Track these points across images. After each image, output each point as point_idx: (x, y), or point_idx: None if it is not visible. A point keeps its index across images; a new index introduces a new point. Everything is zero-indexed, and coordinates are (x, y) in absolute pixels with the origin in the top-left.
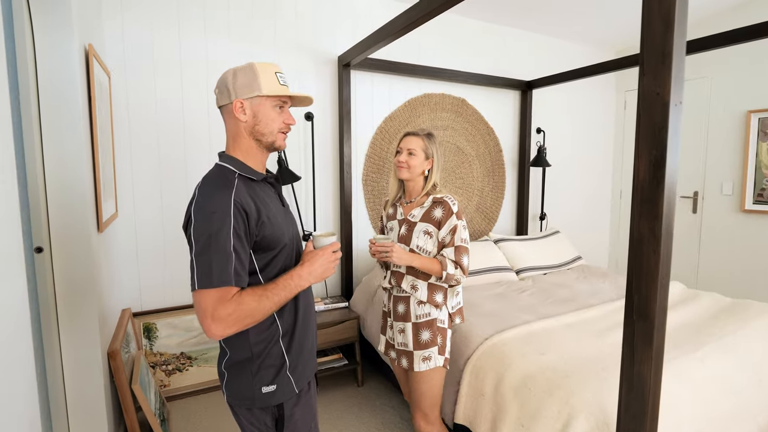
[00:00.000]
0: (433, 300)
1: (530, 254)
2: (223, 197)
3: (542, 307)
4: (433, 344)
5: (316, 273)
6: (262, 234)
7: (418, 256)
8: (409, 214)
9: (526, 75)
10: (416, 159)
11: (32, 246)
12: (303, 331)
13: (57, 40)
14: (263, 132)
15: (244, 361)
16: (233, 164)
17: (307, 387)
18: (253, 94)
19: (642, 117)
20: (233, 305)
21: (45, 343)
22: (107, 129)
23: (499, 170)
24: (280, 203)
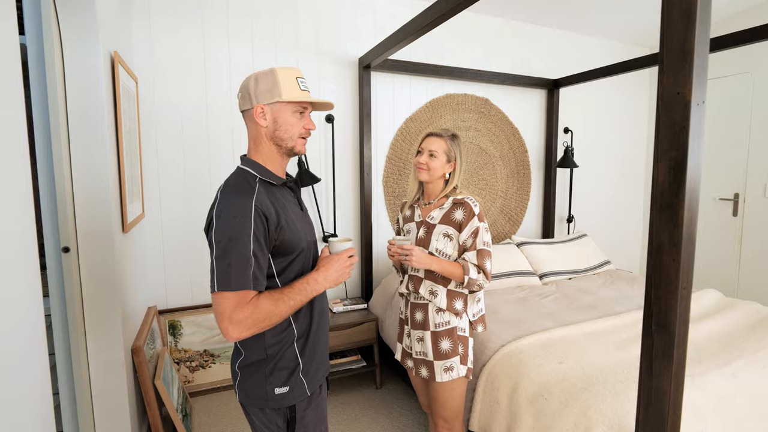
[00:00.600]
0: (452, 308)
1: (554, 258)
2: (245, 202)
3: (563, 314)
4: (454, 354)
5: (332, 278)
6: (281, 239)
7: (438, 260)
8: (428, 215)
9: (552, 73)
10: (437, 161)
11: (60, 246)
12: (317, 334)
13: (83, 47)
14: (283, 137)
15: (258, 362)
16: (255, 168)
17: (318, 390)
18: (273, 99)
19: (662, 117)
20: (250, 308)
21: (71, 339)
22: (134, 133)
23: (524, 171)
24: (298, 208)
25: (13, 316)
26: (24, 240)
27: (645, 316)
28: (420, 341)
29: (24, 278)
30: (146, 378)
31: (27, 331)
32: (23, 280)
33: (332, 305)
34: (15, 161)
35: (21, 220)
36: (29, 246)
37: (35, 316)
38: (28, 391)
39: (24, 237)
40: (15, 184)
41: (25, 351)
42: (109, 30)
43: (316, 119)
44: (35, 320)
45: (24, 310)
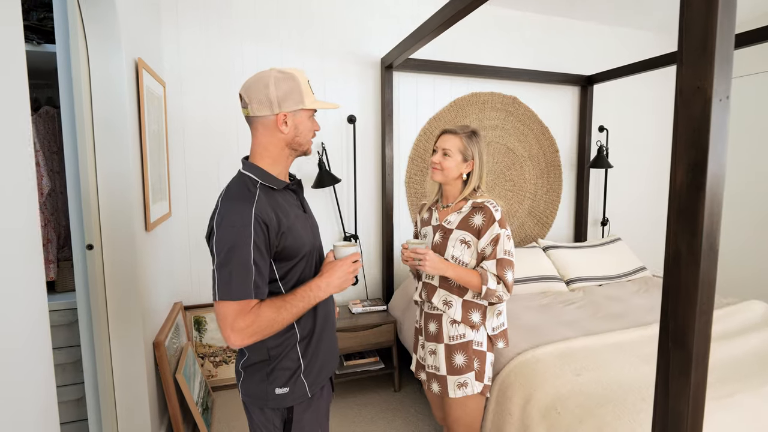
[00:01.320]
0: (468, 320)
1: (584, 263)
2: (245, 210)
3: (587, 322)
4: (468, 369)
5: (334, 284)
6: (283, 245)
7: (454, 266)
8: (445, 219)
9: (585, 69)
10: (451, 161)
11: (84, 243)
12: (321, 337)
13: (107, 55)
14: (301, 142)
15: (260, 363)
16: (256, 173)
17: (320, 392)
18: (297, 107)
19: (680, 114)
20: (252, 317)
21: (95, 332)
22: (161, 135)
23: (555, 172)
24: (301, 210)
25: (16, 312)
26: (28, 239)
27: (661, 331)
28: (432, 354)
29: (28, 276)
30: (167, 371)
31: (30, 326)
32: (27, 278)
33: (351, 306)
34: (19, 163)
35: (25, 219)
36: (33, 245)
37: (38, 311)
38: (31, 384)
39: (28, 236)
40: (19, 186)
41: (28, 345)
42: (133, 37)
43: (338, 119)
44: (38, 316)
45: (27, 306)
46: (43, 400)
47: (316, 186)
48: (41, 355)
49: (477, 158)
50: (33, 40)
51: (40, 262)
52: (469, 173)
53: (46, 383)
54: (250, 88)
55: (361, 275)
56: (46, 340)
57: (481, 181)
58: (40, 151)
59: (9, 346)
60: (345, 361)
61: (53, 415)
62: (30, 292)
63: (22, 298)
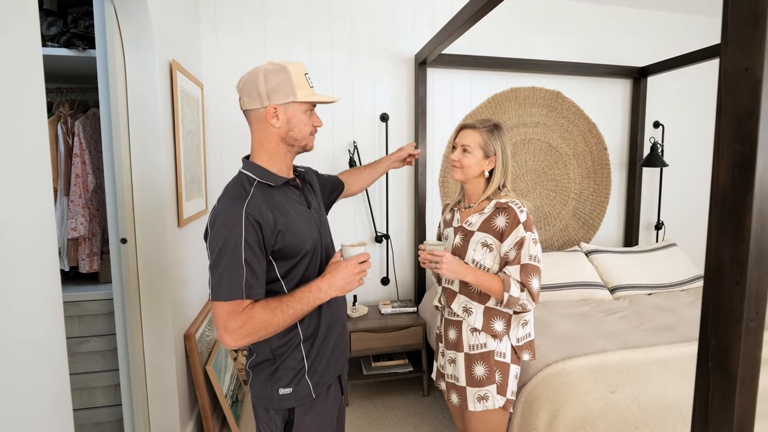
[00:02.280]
0: (490, 328)
1: (631, 269)
2: (236, 209)
3: (629, 334)
4: (489, 382)
5: (337, 285)
6: (280, 244)
7: (475, 271)
8: (466, 221)
9: (639, 60)
10: (471, 158)
11: (119, 237)
12: (326, 336)
13: (141, 58)
14: (296, 137)
15: (265, 362)
16: (254, 171)
17: (325, 392)
18: (288, 99)
19: (724, 101)
20: (243, 318)
21: (127, 322)
22: (197, 135)
23: (603, 171)
24: (305, 206)
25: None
26: (43, 238)
27: (700, 350)
28: (452, 363)
29: (42, 271)
30: (197, 363)
31: (44, 317)
32: (41, 273)
33: (381, 306)
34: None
35: (41, 216)
36: (48, 243)
37: (53, 303)
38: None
39: (43, 235)
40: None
41: (40, 336)
42: (167, 41)
43: (370, 118)
44: (53, 307)
45: (41, 298)
46: (55, 387)
47: None
48: (54, 344)
49: (500, 154)
50: (79, 46)
51: (54, 259)
52: (492, 170)
53: (59, 371)
54: (242, 82)
55: (392, 276)
56: (59, 331)
57: (506, 179)
58: (87, 150)
59: (21, 337)
60: (373, 362)
61: (66, 402)
62: (44, 287)
63: (36, 291)
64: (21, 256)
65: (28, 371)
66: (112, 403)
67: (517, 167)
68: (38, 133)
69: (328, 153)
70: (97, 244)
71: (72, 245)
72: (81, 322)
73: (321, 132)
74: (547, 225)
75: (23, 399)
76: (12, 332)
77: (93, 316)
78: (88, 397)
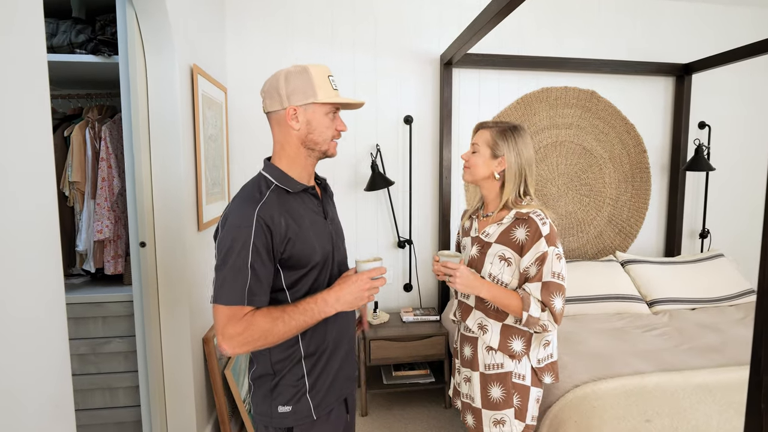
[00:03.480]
0: (507, 348)
1: (674, 282)
2: (248, 211)
3: (669, 355)
4: (506, 405)
5: (345, 300)
6: (288, 252)
7: (492, 286)
8: (483, 231)
9: (682, 56)
10: (478, 157)
11: (138, 240)
12: (332, 355)
13: (161, 63)
14: (317, 141)
15: (265, 376)
16: (273, 174)
17: (326, 416)
18: (308, 101)
19: None
20: (243, 325)
21: (146, 324)
22: (219, 139)
23: (642, 175)
24: (321, 215)
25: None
26: (45, 243)
27: (750, 387)
28: (467, 382)
29: (45, 274)
30: (215, 366)
31: (46, 321)
32: (44, 276)
33: (403, 314)
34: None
35: (44, 219)
36: (51, 248)
37: (56, 307)
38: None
39: (45, 240)
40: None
41: (43, 337)
42: (189, 46)
43: (394, 120)
44: (55, 311)
45: (44, 301)
46: (58, 389)
47: (369, 189)
48: (56, 347)
49: (511, 156)
50: (105, 52)
51: (58, 262)
52: (502, 173)
53: (61, 373)
54: (265, 85)
55: (415, 282)
56: (62, 333)
57: (529, 187)
58: (113, 154)
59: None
60: (394, 371)
61: (68, 404)
62: (47, 289)
63: (39, 294)
64: (25, 261)
65: (31, 373)
66: (132, 404)
67: (548, 171)
68: (42, 136)
69: (350, 157)
70: (121, 246)
71: (98, 247)
72: (104, 323)
73: (343, 135)
74: (580, 232)
75: (26, 400)
76: (15, 335)
77: (116, 317)
78: (111, 396)
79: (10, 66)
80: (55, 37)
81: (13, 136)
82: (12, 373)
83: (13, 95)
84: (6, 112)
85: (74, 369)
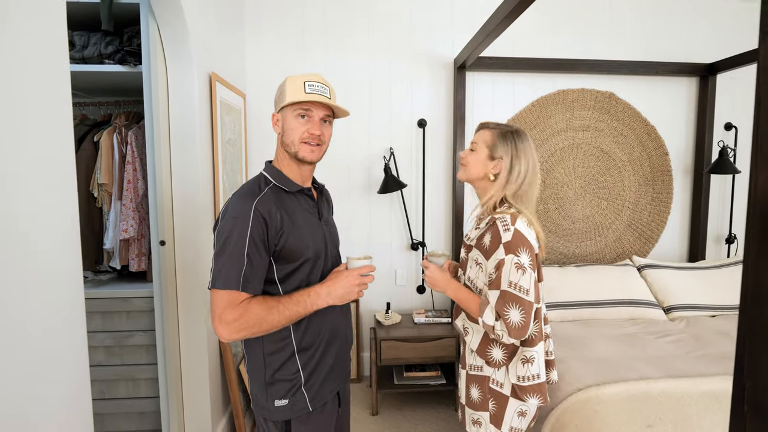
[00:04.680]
0: (485, 353)
1: (693, 287)
2: (246, 203)
3: (679, 361)
4: (482, 408)
5: (336, 294)
6: (282, 244)
7: (458, 286)
8: (466, 235)
9: (705, 56)
10: (474, 156)
11: (158, 239)
12: (326, 350)
13: (181, 71)
14: (287, 142)
15: (258, 369)
16: (271, 174)
17: (321, 408)
18: (280, 105)
19: (764, 101)
20: (240, 311)
21: (165, 319)
22: (237, 143)
23: (663, 178)
24: (316, 216)
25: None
26: (67, 239)
27: (734, 390)
28: (460, 377)
29: (65, 269)
30: (230, 362)
31: (65, 313)
32: (64, 270)
33: (415, 315)
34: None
35: (62, 218)
36: (71, 243)
37: (74, 300)
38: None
39: (67, 236)
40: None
41: (63, 330)
42: (207, 54)
43: (408, 124)
44: (73, 304)
45: (62, 295)
46: (76, 379)
47: (381, 191)
48: (75, 339)
49: (508, 160)
50: (130, 62)
51: (77, 257)
52: (496, 176)
53: (79, 363)
54: None
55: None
56: (80, 326)
57: (521, 196)
58: (138, 158)
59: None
60: (405, 372)
61: (86, 394)
62: (67, 286)
63: (59, 290)
64: (45, 260)
65: (51, 363)
66: (153, 395)
67: (564, 174)
68: (63, 138)
69: (363, 159)
70: (145, 244)
71: (123, 246)
72: (129, 317)
73: (357, 138)
74: (597, 236)
75: (46, 390)
76: (36, 327)
77: (139, 312)
78: (134, 387)
79: (33, 75)
80: (86, 49)
81: (34, 143)
82: (37, 363)
83: (35, 104)
84: (30, 120)
85: (100, 360)
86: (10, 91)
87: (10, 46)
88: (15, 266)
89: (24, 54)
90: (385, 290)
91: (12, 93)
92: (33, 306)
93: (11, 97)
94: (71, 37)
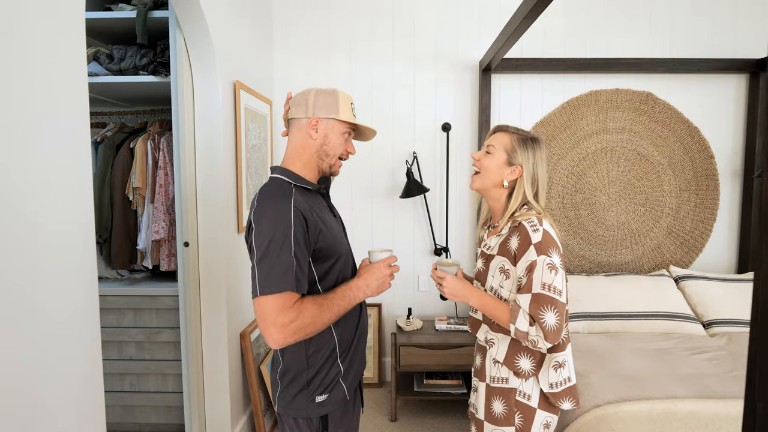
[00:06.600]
0: (513, 364)
1: (737, 301)
2: (283, 204)
3: (713, 381)
4: (507, 423)
5: (372, 286)
6: (321, 242)
7: (482, 295)
8: (484, 244)
9: (754, 51)
10: (491, 159)
11: (182, 241)
12: (357, 344)
13: (206, 80)
14: (328, 153)
15: (300, 371)
16: (288, 176)
17: (354, 395)
18: (330, 115)
19: None
20: (295, 312)
21: (188, 318)
22: (262, 149)
23: (708, 183)
24: (330, 214)
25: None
26: (81, 238)
27: (745, 414)
28: (475, 392)
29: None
30: (251, 361)
31: (79, 310)
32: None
33: (437, 322)
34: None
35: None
36: (86, 241)
37: (88, 296)
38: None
39: (82, 236)
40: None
41: (76, 324)
42: (232, 63)
43: (432, 128)
44: (88, 300)
45: (78, 292)
46: (88, 370)
47: (404, 196)
48: (89, 332)
49: (529, 167)
50: (162, 73)
51: (92, 255)
52: (515, 182)
53: (92, 355)
54: (296, 96)
55: None
56: (94, 320)
57: (539, 200)
58: (169, 163)
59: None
60: (425, 379)
61: (98, 385)
62: (82, 279)
63: (73, 285)
64: (60, 259)
65: (64, 354)
66: (180, 390)
67: (597, 178)
68: (80, 143)
69: (387, 163)
70: (174, 246)
71: (155, 246)
72: (158, 314)
73: (381, 142)
74: (634, 244)
75: (59, 379)
76: (51, 320)
77: (167, 309)
78: (162, 381)
79: (51, 83)
80: (123, 61)
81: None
82: (50, 354)
83: (53, 114)
84: (50, 130)
85: (132, 354)
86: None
87: (32, 60)
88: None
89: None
90: (408, 295)
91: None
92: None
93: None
94: (110, 51)
